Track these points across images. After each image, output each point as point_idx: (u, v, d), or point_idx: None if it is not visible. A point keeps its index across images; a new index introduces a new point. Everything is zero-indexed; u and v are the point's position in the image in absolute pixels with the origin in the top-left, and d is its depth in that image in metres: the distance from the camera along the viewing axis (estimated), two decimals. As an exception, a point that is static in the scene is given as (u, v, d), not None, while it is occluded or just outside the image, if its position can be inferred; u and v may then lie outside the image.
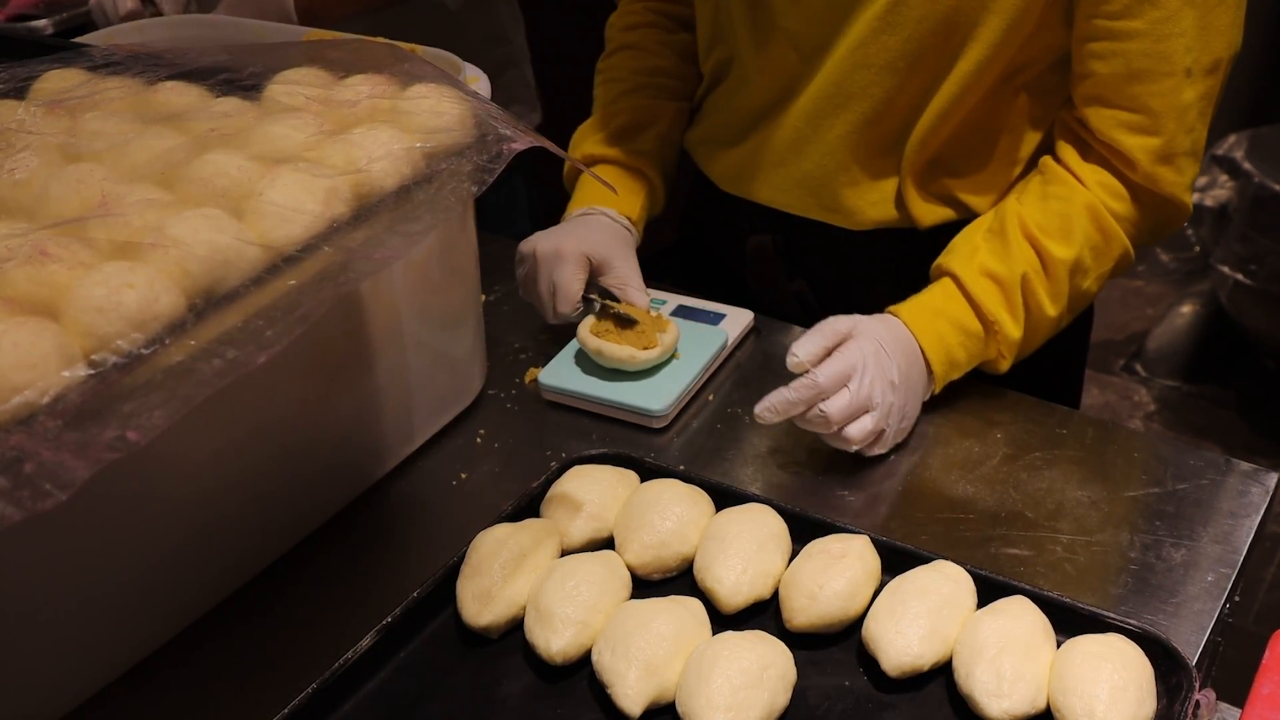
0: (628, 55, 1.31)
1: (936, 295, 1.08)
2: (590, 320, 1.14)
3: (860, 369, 1.00)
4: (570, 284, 1.13)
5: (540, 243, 1.17)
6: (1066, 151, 1.09)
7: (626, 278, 1.16)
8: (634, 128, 1.27)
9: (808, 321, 1.19)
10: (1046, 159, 1.11)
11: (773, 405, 1.00)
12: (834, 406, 0.98)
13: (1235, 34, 1.04)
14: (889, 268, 1.19)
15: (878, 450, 1.04)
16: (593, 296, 1.15)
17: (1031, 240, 1.07)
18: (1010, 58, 1.07)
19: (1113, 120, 1.05)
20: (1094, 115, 1.06)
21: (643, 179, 1.26)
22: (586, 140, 1.28)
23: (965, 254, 1.08)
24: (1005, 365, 1.10)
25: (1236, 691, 0.81)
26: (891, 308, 1.08)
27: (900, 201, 1.15)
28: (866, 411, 1.00)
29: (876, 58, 1.08)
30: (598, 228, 1.19)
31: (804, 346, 1.00)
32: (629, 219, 1.23)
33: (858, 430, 1.00)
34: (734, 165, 1.24)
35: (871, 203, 1.16)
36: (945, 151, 1.13)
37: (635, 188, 1.25)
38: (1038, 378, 1.17)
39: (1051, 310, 1.08)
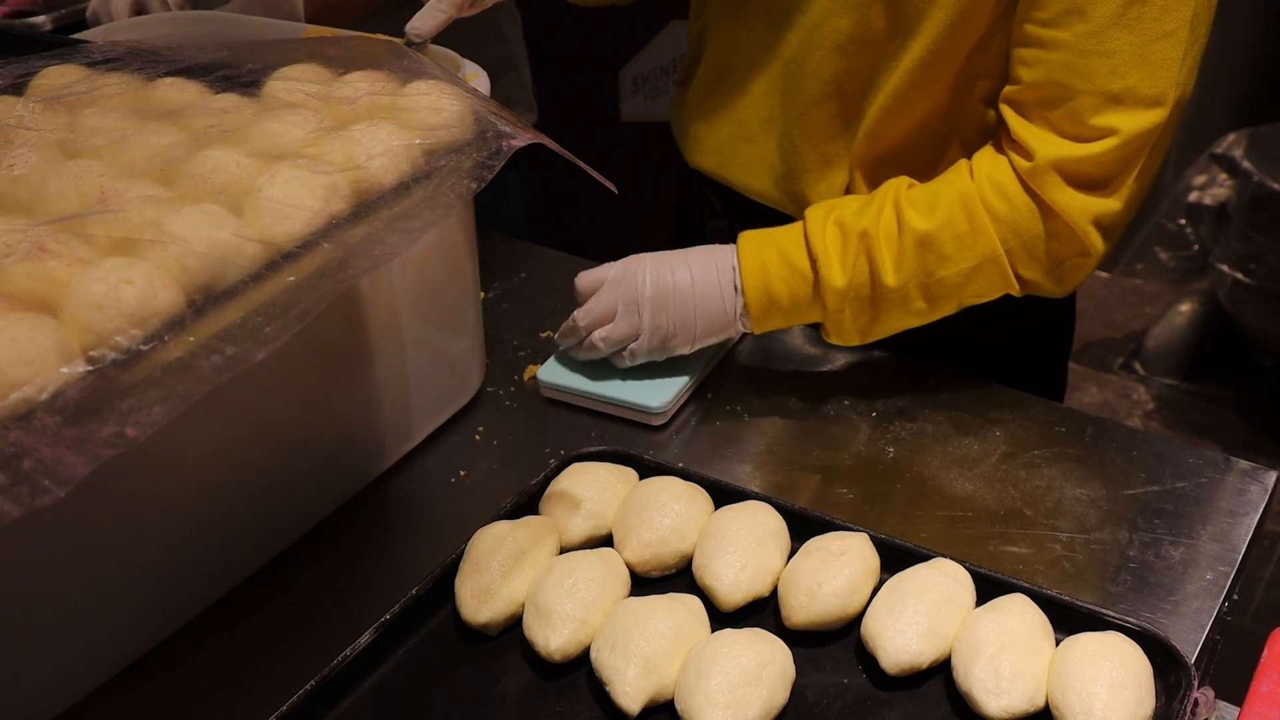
0: None
1: (781, 229, 1.08)
2: None
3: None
4: None
5: None
6: (982, 148, 1.07)
7: None
8: None
9: None
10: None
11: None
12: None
13: (1185, 73, 0.98)
14: None
15: (629, 361, 1.10)
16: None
17: (895, 207, 1.04)
18: (963, 61, 1.05)
19: (1020, 123, 1.02)
20: (1007, 112, 1.03)
21: None
22: None
23: (828, 205, 1.07)
24: (835, 328, 1.07)
25: (1235, 689, 0.81)
26: (741, 240, 1.09)
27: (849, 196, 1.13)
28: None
29: (828, 39, 1.07)
30: None
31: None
32: None
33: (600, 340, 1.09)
34: (710, 141, 1.23)
35: (819, 194, 1.14)
36: (897, 152, 1.11)
37: None
38: (1020, 374, 1.17)
39: (892, 279, 1.03)
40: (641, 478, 0.97)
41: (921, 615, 0.82)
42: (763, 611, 0.88)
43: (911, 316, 1.07)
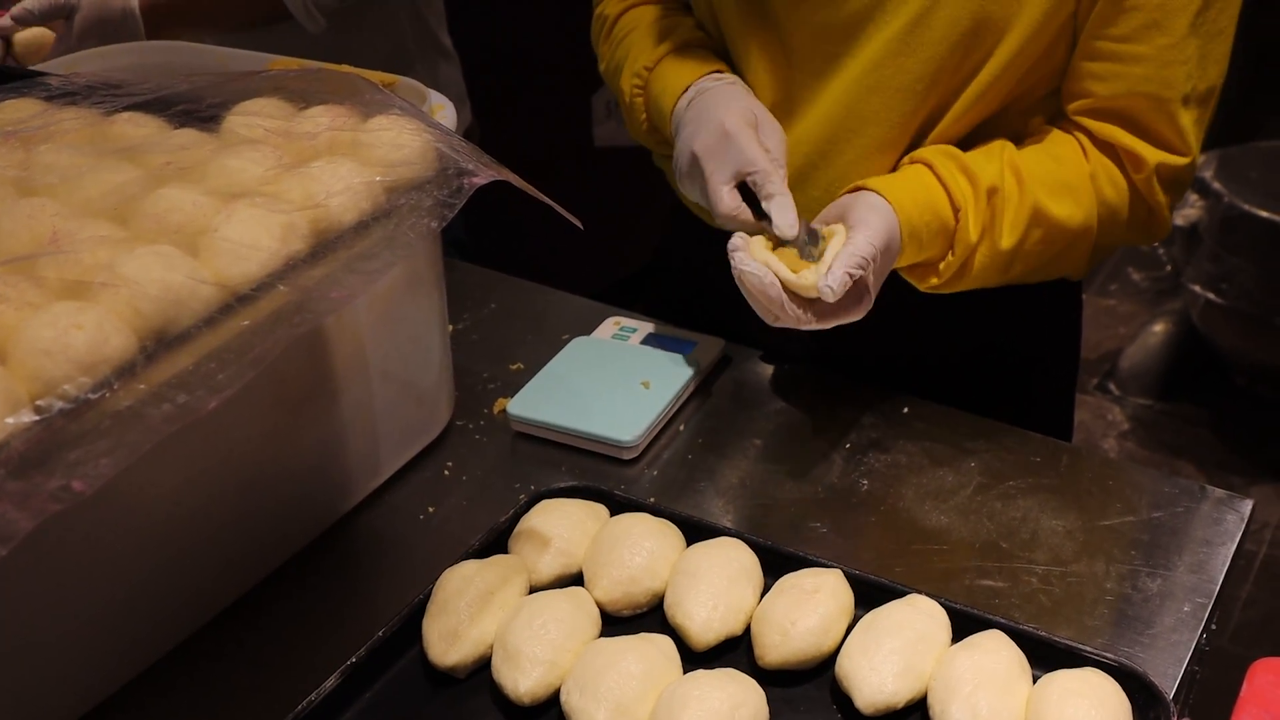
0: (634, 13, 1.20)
1: (908, 174, 1.02)
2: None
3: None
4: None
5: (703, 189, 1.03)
6: (1078, 136, 1.06)
7: (770, 190, 1.00)
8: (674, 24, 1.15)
9: (811, 358, 1.17)
10: (1047, 131, 1.07)
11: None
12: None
13: (1226, 64, 1.04)
14: (894, 301, 1.12)
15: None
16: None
17: (1015, 171, 1.02)
18: (1020, 79, 1.04)
19: (1113, 131, 1.04)
20: (1094, 126, 1.05)
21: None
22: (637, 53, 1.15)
23: (942, 149, 1.04)
24: (943, 275, 1.02)
25: (1212, 713, 0.80)
26: (870, 184, 0.99)
27: None
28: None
29: (893, 80, 1.04)
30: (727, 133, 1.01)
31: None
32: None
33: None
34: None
35: None
36: None
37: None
38: (1025, 407, 1.15)
39: (1006, 240, 1.02)
40: (612, 514, 0.95)
41: (897, 653, 0.81)
42: (735, 650, 0.87)
43: (1002, 272, 1.05)
